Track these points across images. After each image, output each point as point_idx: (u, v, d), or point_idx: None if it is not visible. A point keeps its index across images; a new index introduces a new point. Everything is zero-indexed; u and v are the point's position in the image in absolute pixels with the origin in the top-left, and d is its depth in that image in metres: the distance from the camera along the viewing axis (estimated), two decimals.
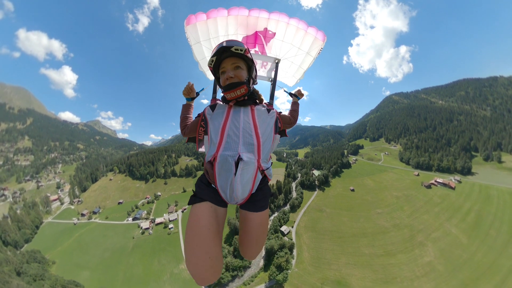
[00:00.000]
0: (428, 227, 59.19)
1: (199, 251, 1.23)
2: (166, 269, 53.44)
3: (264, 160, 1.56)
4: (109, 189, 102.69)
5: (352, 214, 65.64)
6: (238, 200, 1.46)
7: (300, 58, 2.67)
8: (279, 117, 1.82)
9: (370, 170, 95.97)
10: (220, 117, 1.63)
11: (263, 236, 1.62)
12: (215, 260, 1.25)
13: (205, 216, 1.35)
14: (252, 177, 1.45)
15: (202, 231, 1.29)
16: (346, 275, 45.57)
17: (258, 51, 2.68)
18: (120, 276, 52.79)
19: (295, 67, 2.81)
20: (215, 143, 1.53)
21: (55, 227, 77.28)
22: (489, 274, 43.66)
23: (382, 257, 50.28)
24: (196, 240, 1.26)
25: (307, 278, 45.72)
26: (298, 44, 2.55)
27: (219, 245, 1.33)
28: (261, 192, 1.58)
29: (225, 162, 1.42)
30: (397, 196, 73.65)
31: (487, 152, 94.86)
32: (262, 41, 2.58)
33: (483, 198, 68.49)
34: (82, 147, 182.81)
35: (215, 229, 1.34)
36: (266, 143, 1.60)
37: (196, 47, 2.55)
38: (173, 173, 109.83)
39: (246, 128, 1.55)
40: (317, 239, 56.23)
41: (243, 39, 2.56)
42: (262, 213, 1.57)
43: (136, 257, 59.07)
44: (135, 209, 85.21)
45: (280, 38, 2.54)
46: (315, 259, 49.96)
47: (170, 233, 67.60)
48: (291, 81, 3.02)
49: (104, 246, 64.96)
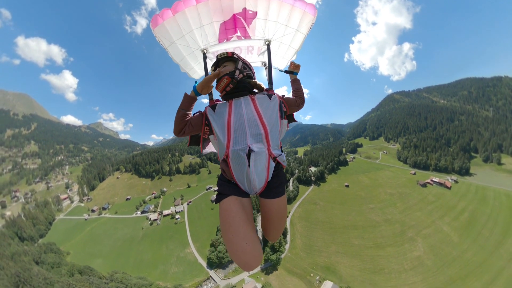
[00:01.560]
0: (419, 223, 59.36)
1: (235, 238, 1.31)
2: (173, 253, 57.09)
3: (275, 147, 1.57)
4: (116, 186, 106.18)
5: (345, 208, 66.44)
6: (257, 189, 1.53)
7: (290, 37, 2.40)
8: (283, 100, 1.80)
9: (366, 168, 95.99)
10: (223, 114, 1.64)
11: (283, 220, 1.68)
12: (252, 245, 1.31)
13: (232, 208, 1.44)
14: (266, 166, 1.50)
15: (234, 221, 1.37)
16: (335, 263, 47.26)
17: (240, 36, 2.38)
18: (131, 261, 56.13)
19: (284, 47, 2.53)
20: (224, 141, 1.55)
21: (67, 223, 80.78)
22: (478, 272, 43.62)
23: (371, 248, 50.94)
24: (231, 230, 1.34)
25: (298, 262, 48.06)
26: (285, 22, 2.25)
27: (253, 230, 1.39)
28: (277, 178, 1.60)
29: (238, 157, 1.47)
30: (391, 193, 73.77)
31: (486, 153, 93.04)
32: (243, 24, 2.27)
33: (479, 198, 67.64)
34: (87, 149, 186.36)
35: (245, 217, 1.41)
36: (273, 130, 1.60)
37: (172, 48, 2.32)
38: (178, 170, 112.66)
39: (251, 119, 1.56)
40: (309, 228, 58.18)
41: (221, 26, 2.26)
42: (280, 199, 1.60)
43: (146, 245, 62.57)
44: (142, 204, 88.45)
45: (263, 17, 2.24)
46: (306, 246, 52.15)
47: (177, 222, 71.24)
48: (282, 63, 2.76)
49: (115, 237, 68.30)
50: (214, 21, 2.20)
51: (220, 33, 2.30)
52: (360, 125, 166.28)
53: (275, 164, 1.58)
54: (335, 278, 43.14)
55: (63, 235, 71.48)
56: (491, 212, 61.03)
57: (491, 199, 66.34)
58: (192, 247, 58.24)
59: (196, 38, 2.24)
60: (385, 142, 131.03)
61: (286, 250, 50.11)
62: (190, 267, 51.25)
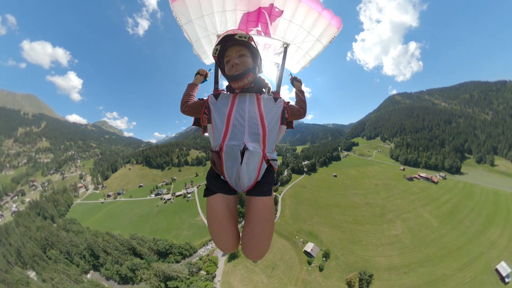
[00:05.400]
0: (400, 209, 62.26)
1: (218, 231, 1.49)
2: (185, 222, 65.49)
3: (269, 150, 1.58)
4: (129, 176, 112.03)
5: (330, 191, 72.54)
6: (244, 187, 1.53)
7: (309, 45, 2.30)
8: (287, 107, 1.79)
9: (357, 163, 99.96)
10: (224, 106, 1.61)
11: (267, 227, 1.47)
12: (231, 237, 1.50)
13: (218, 206, 1.51)
14: (258, 166, 1.49)
15: (217, 217, 1.49)
16: (317, 230, 54.44)
17: (260, 31, 2.27)
18: (147, 230, 63.33)
19: (301, 52, 2.41)
20: (221, 133, 1.54)
21: (85, 206, 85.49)
22: (456, 255, 44.56)
23: (351, 223, 55.72)
24: (215, 224, 1.50)
25: (286, 227, 55.93)
26: (308, 28, 2.15)
27: (234, 225, 1.54)
28: (266, 178, 1.61)
29: (232, 152, 1.45)
30: (376, 183, 77.61)
31: (480, 155, 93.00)
32: (267, 19, 2.16)
33: (465, 193, 67.50)
34: (95, 145, 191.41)
35: (228, 214, 1.51)
36: (272, 133, 1.60)
37: (188, 27, 2.12)
38: (186, 162, 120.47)
39: (252, 117, 1.54)
40: (297, 203, 65.80)
41: (244, 16, 2.15)
42: (265, 198, 1.53)
43: (161, 217, 70.14)
44: (155, 189, 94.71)
45: (288, 18, 2.12)
46: (294, 215, 59.75)
47: (188, 200, 79.66)
48: (296, 68, 2.63)
49: (132, 214, 75.24)
50: (238, 9, 2.08)
51: (241, 23, 2.20)
52: (359, 125, 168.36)
53: (267, 166, 1.59)
54: (316, 242, 49.50)
55: (82, 215, 75.82)
56: (476, 205, 60.54)
57: (477, 195, 65.92)
58: (202, 215, 66.32)
59: (216, 22, 2.10)
60: (381, 142, 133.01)
61: (276, 217, 57.44)
62: (199, 230, 59.26)
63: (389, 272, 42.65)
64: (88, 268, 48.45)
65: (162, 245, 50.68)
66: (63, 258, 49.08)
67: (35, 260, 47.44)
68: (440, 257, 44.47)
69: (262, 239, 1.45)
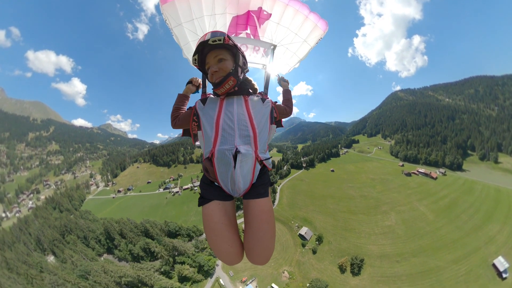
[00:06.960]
0: (395, 202, 62.61)
1: (219, 241, 1.35)
2: (192, 209, 70.01)
3: (262, 150, 1.54)
4: (138, 173, 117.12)
5: (326, 184, 74.71)
6: (241, 191, 1.47)
7: (296, 46, 2.37)
8: (275, 106, 1.79)
9: (356, 159, 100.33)
10: (212, 111, 1.57)
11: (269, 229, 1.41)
12: (234, 246, 1.36)
13: (215, 214, 1.40)
14: (252, 168, 1.46)
15: (216, 227, 1.37)
16: (312, 217, 56.98)
17: (250, 33, 2.30)
18: (158, 217, 67.23)
19: (289, 53, 2.48)
20: (211, 139, 1.48)
21: (97, 201, 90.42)
22: (451, 247, 43.94)
23: (345, 213, 57.24)
24: (214, 235, 1.36)
25: (283, 213, 59.42)
26: (295, 30, 2.23)
27: (235, 233, 1.41)
28: (261, 180, 1.56)
29: (224, 157, 1.39)
30: (373, 178, 78.16)
31: (483, 152, 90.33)
32: (255, 22, 2.21)
33: (465, 189, 65.72)
34: (102, 147, 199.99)
35: (227, 222, 1.40)
36: (262, 133, 1.57)
37: (178, 30, 2.11)
38: (191, 160, 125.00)
39: (241, 119, 1.50)
40: (294, 193, 69.24)
41: (233, 19, 2.17)
42: (263, 200, 1.48)
43: (170, 207, 74.88)
44: (163, 184, 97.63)
45: (276, 21, 2.19)
46: (290, 203, 63.33)
47: (195, 192, 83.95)
48: (284, 69, 2.68)
49: (142, 206, 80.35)
50: (227, 13, 2.10)
51: (230, 27, 2.21)
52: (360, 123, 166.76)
53: (261, 167, 1.55)
54: (310, 227, 51.88)
55: (95, 208, 79.64)
56: (475, 201, 58.37)
57: (478, 191, 63.93)
58: None
59: (205, 25, 2.11)
60: (382, 139, 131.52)
61: (274, 205, 61.21)
62: None
63: (381, 259, 43.06)
64: (102, 251, 52.99)
65: (172, 226, 55.74)
66: (80, 243, 53.80)
67: (55, 243, 52.00)
68: (435, 249, 44.23)
69: (266, 241, 1.38)
